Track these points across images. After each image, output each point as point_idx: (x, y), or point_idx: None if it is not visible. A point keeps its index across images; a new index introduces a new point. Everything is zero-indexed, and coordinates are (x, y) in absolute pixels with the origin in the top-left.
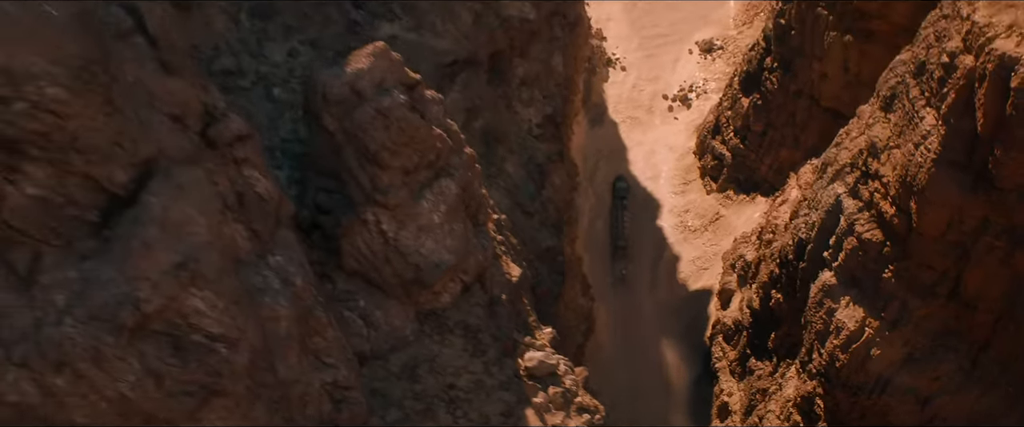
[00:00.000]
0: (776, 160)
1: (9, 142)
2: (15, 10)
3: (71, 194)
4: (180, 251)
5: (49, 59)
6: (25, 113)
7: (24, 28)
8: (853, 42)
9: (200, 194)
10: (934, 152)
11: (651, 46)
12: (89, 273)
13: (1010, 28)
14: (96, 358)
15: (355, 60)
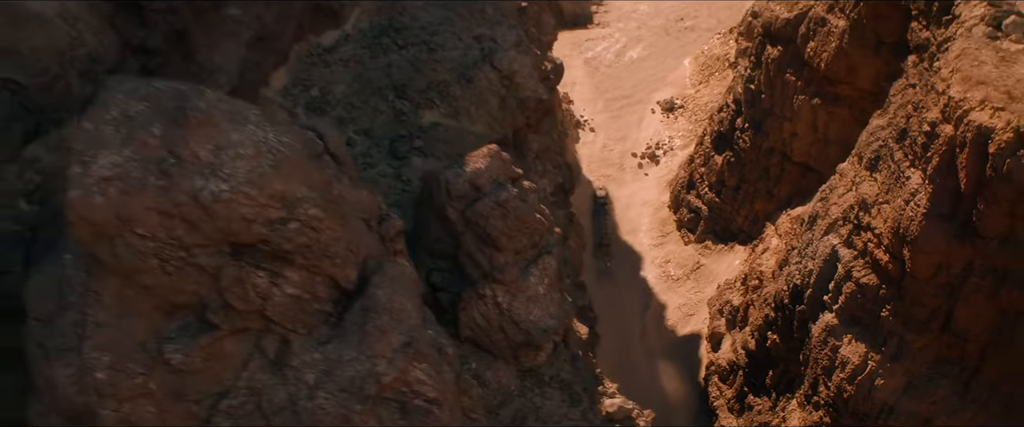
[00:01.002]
0: (751, 211)
1: (283, 253)
2: (283, 147)
3: (316, 291)
4: (404, 332)
5: (307, 185)
6: (296, 230)
7: (291, 162)
8: (821, 105)
9: (406, 284)
10: (924, 207)
11: (615, 107)
12: (332, 354)
13: (982, 102)
14: (345, 424)
15: (473, 161)
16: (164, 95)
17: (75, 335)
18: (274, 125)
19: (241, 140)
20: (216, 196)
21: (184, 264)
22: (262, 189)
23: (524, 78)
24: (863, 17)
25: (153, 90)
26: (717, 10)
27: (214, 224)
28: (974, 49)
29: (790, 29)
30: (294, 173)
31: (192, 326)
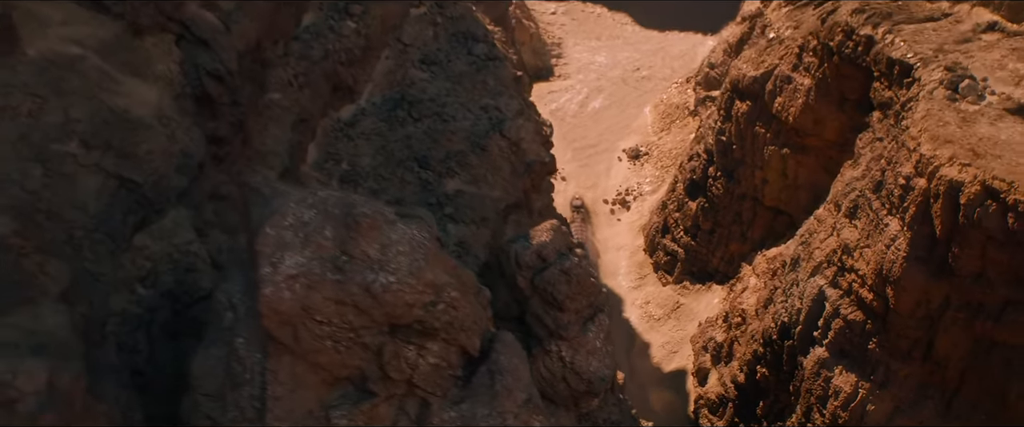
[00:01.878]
0: (727, 253)
1: (430, 330)
2: (426, 241)
3: (450, 359)
4: (524, 389)
5: (446, 272)
6: (442, 310)
7: (434, 254)
8: (789, 154)
9: (516, 347)
10: (904, 251)
11: (583, 157)
12: (467, 412)
13: (951, 159)
14: None
15: (538, 234)
16: (329, 202)
17: (252, 409)
18: (411, 221)
19: (399, 239)
20: (386, 287)
21: (352, 344)
22: (419, 279)
23: (529, 144)
24: (827, 77)
25: (319, 199)
26: (670, 60)
27: (382, 310)
28: (937, 111)
29: (757, 86)
30: (437, 263)
31: (352, 394)
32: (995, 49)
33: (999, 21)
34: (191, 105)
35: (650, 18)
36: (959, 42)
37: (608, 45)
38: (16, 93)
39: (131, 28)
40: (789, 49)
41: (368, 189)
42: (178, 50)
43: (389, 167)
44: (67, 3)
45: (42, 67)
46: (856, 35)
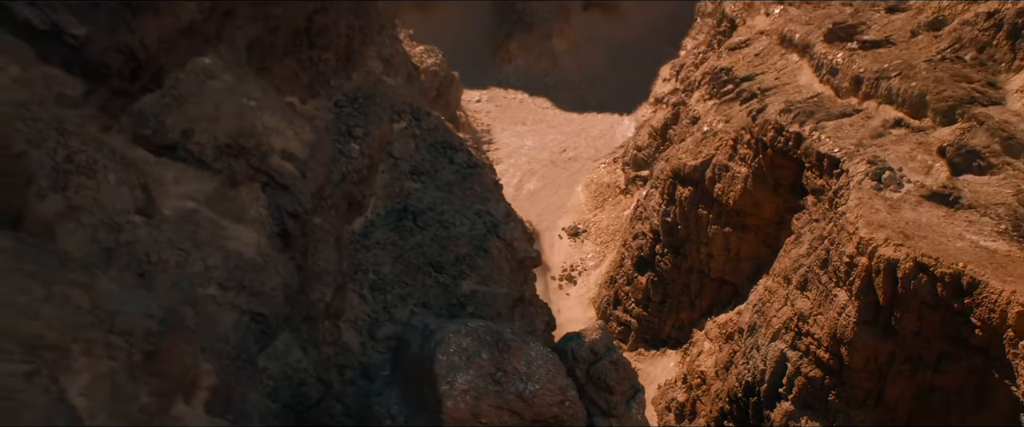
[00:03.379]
0: (678, 320)
1: (561, 422)
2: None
3: None
4: None
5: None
6: (568, 406)
7: (556, 363)
8: (731, 232)
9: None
10: (854, 317)
11: None
12: None
13: (886, 240)
14: None
15: (588, 333)
16: (480, 331)
17: None
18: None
19: (537, 356)
20: (533, 393)
21: None
22: (554, 383)
23: (519, 242)
24: (762, 166)
25: (470, 328)
26: (592, 140)
27: (531, 411)
28: (868, 199)
29: (697, 173)
30: (559, 370)
31: None
32: (904, 142)
33: (903, 118)
34: (277, 241)
35: (568, 101)
36: (874, 137)
37: (533, 129)
38: (165, 248)
39: (228, 180)
40: (724, 141)
41: (397, 295)
42: (264, 196)
43: (409, 273)
44: (177, 164)
45: (178, 224)
46: (786, 131)
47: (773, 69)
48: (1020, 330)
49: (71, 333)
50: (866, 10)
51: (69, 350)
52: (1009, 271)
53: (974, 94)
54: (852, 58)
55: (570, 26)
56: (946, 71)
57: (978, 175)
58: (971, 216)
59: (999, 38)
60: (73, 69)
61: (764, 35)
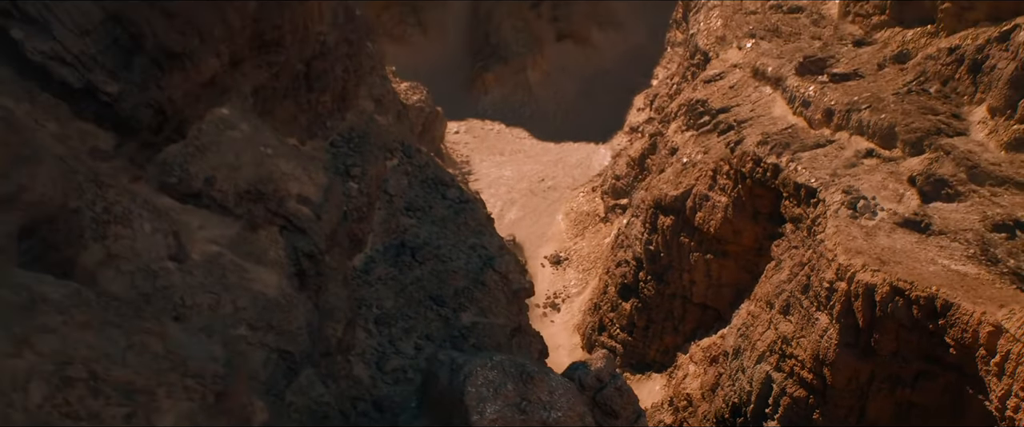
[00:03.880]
0: (662, 344)
1: None
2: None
3: None
4: None
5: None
6: None
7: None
8: (713, 259)
9: None
10: (835, 340)
11: None
12: None
13: (863, 266)
14: None
15: (594, 361)
16: (505, 365)
17: None
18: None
19: (557, 386)
20: (557, 420)
21: None
22: (574, 410)
23: (513, 274)
24: (742, 196)
25: (496, 362)
26: (569, 169)
27: None
28: (845, 227)
29: (678, 203)
30: (578, 399)
31: None
32: (876, 172)
33: (875, 148)
34: (296, 281)
35: (545, 131)
36: (847, 167)
37: (512, 159)
38: (198, 292)
39: (248, 225)
40: (703, 172)
41: (402, 329)
42: (282, 238)
43: (411, 307)
44: (201, 210)
45: (207, 268)
46: (763, 163)
47: (748, 101)
48: (991, 348)
49: (155, 377)
50: (834, 44)
51: (155, 393)
52: (979, 293)
53: (940, 126)
54: (823, 91)
55: (544, 57)
56: (913, 103)
57: (947, 202)
58: (942, 242)
59: (961, 72)
60: (105, 124)
61: (737, 68)
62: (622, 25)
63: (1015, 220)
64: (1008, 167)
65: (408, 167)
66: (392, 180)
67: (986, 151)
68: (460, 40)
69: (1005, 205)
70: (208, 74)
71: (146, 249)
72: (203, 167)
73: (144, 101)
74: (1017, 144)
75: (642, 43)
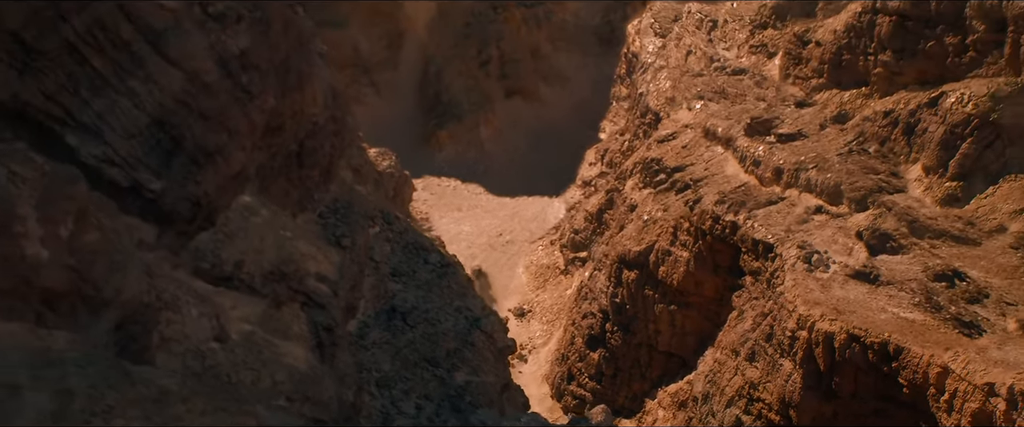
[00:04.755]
0: (630, 391)
1: None
2: None
3: None
4: None
5: None
6: None
7: None
8: (677, 310)
9: None
10: (799, 384)
11: None
12: None
13: (822, 316)
14: None
15: (595, 415)
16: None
17: None
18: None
19: None
20: None
21: None
22: None
23: (498, 333)
24: (702, 251)
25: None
26: (526, 223)
27: None
28: (802, 280)
29: (642, 258)
30: None
31: None
32: (826, 227)
33: (823, 205)
34: (317, 353)
35: (500, 186)
36: (800, 223)
37: (470, 215)
38: (241, 369)
39: (273, 303)
40: (664, 229)
41: (401, 390)
42: (303, 313)
43: (408, 369)
44: (232, 292)
45: (244, 346)
46: (722, 221)
47: (701, 160)
48: (940, 387)
49: None
50: (778, 105)
51: None
52: (926, 338)
53: (881, 184)
54: (772, 151)
55: (494, 114)
56: (855, 163)
57: (892, 255)
58: (891, 291)
59: (896, 134)
60: (148, 217)
61: (689, 128)
62: (567, 80)
63: (953, 270)
64: (944, 221)
65: (389, 233)
66: (376, 247)
67: (923, 206)
68: (413, 99)
69: (944, 256)
70: (237, 168)
71: (194, 332)
72: (233, 252)
73: (183, 195)
74: (950, 200)
75: (587, 97)
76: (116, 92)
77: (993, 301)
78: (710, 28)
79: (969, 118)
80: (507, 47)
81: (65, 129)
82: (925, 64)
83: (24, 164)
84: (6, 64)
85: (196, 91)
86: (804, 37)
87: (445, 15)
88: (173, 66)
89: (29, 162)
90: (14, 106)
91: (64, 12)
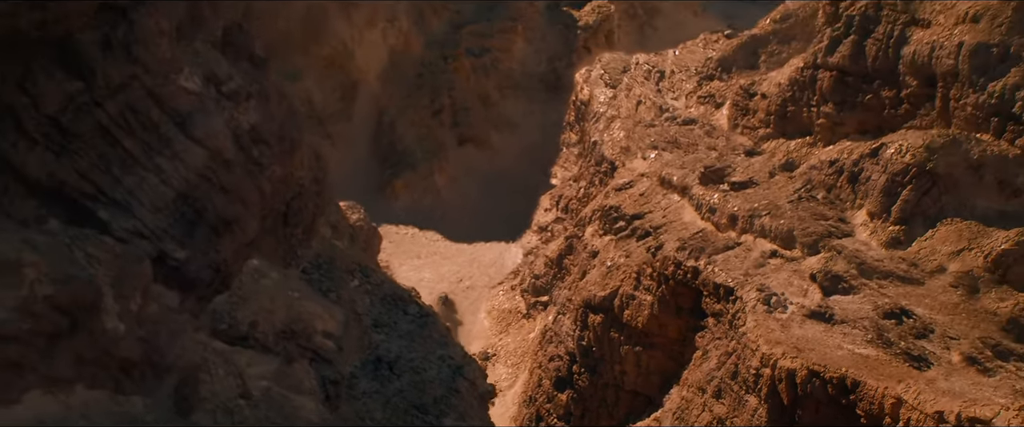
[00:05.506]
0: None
1: None
2: None
3: None
4: None
5: None
6: None
7: None
8: (642, 350)
9: None
10: (764, 418)
11: None
12: None
13: (784, 354)
14: None
15: None
16: None
17: None
18: None
19: None
20: None
21: None
22: None
23: (479, 380)
24: (665, 295)
25: None
26: (484, 268)
27: None
28: (763, 321)
29: (607, 303)
30: None
31: None
32: (782, 271)
33: (777, 249)
34: (326, 406)
35: (457, 233)
36: (757, 267)
37: (429, 262)
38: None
39: (285, 360)
40: (627, 274)
41: None
42: (312, 369)
43: (398, 417)
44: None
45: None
46: (684, 266)
47: (659, 208)
48: (895, 417)
49: None
50: (729, 154)
51: None
52: (881, 372)
53: (830, 229)
54: (726, 198)
55: (448, 162)
56: (806, 210)
57: (844, 295)
58: (845, 329)
59: (842, 181)
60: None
61: (645, 177)
62: (517, 126)
63: (901, 308)
64: (889, 262)
65: (368, 286)
66: (358, 300)
67: (870, 249)
68: (367, 149)
69: (891, 295)
70: (251, 235)
71: (222, 390)
72: (247, 313)
73: (206, 263)
74: (894, 243)
75: (536, 142)
76: (145, 169)
77: (938, 336)
78: (658, 78)
79: (908, 167)
80: (458, 96)
81: (97, 205)
82: (864, 116)
83: (98, 247)
84: (43, 147)
85: (216, 167)
86: (750, 90)
87: (397, 66)
88: (197, 144)
89: (102, 245)
90: (50, 185)
91: (99, 98)
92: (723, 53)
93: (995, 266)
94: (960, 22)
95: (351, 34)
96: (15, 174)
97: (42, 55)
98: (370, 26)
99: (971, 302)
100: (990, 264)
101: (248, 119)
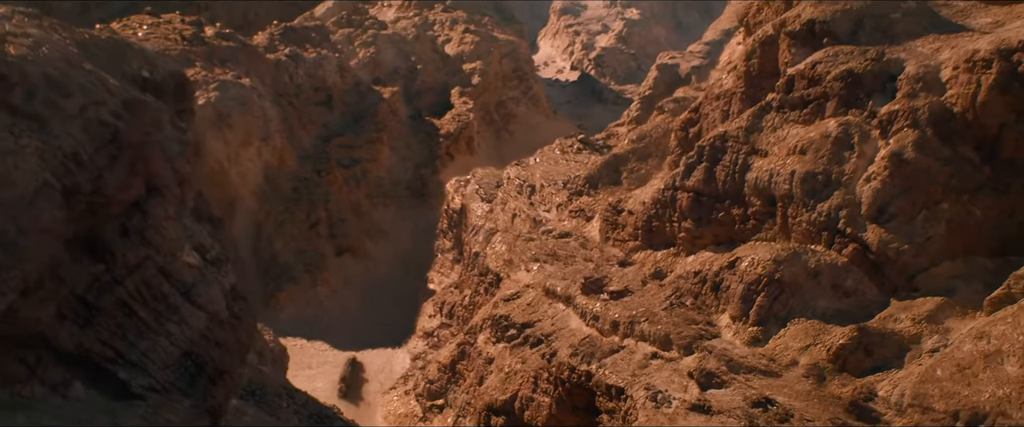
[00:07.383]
0: None
1: None
2: None
3: None
4: None
5: None
6: None
7: None
8: None
9: None
10: None
11: None
12: None
13: None
14: None
15: None
16: None
17: None
18: None
19: None
20: None
21: None
22: None
23: None
24: (562, 396)
25: None
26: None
27: None
28: (653, 415)
29: (508, 405)
30: None
31: None
32: (663, 370)
33: (657, 352)
34: None
35: (343, 341)
36: (641, 368)
37: (320, 372)
38: None
39: None
40: (525, 379)
41: None
42: None
43: None
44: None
45: None
46: (577, 370)
47: (547, 317)
48: None
49: None
50: (604, 265)
51: None
52: None
53: (701, 332)
54: (607, 306)
55: (329, 273)
56: (679, 316)
57: (718, 389)
58: (722, 418)
59: (706, 289)
60: None
61: (530, 288)
62: (387, 234)
63: (765, 398)
64: (752, 359)
65: (295, 407)
66: (292, 420)
67: (735, 348)
68: (250, 263)
69: (756, 387)
70: (239, 381)
71: None
72: None
73: (204, 408)
74: (754, 341)
75: (408, 249)
76: (156, 334)
77: (797, 420)
78: (530, 192)
79: (760, 278)
80: (333, 207)
81: (116, 366)
82: (718, 230)
83: (171, 411)
84: (71, 320)
85: (214, 326)
86: (618, 206)
87: (272, 181)
88: (200, 309)
89: (174, 409)
90: (77, 353)
91: (118, 277)
92: (590, 171)
93: (836, 357)
94: (791, 153)
95: (227, 154)
96: (48, 346)
97: (75, 246)
98: (245, 145)
99: (820, 389)
100: (831, 356)
101: (229, 280)
